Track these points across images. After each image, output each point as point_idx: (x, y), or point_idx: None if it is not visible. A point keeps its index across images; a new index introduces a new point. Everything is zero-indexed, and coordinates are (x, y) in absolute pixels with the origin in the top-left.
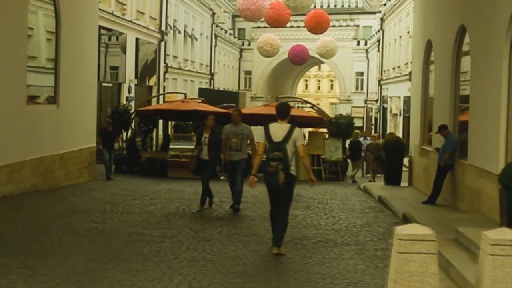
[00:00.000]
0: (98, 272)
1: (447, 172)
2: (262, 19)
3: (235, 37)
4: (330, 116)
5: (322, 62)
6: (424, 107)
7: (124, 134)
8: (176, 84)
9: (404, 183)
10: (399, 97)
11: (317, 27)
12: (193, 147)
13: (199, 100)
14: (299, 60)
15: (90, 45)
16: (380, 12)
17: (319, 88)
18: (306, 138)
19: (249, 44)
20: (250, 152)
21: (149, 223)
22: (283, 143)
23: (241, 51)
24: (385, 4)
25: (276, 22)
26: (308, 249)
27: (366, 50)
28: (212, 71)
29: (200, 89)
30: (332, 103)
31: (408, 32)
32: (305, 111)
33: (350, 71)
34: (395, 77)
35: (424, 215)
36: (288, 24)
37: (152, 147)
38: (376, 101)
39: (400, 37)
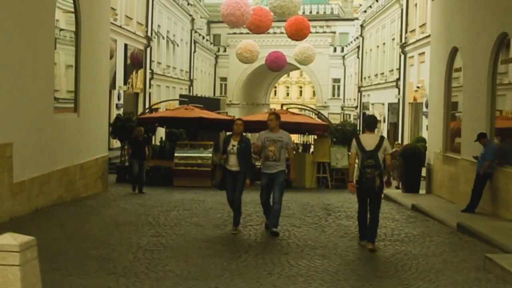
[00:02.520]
0: None
1: (486, 180)
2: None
3: (211, 43)
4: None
5: (298, 69)
6: (447, 115)
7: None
8: (160, 90)
9: (421, 190)
10: (382, 104)
11: (298, 33)
12: (199, 154)
13: (201, 107)
14: (277, 67)
15: (104, 54)
16: (358, 19)
17: (288, 94)
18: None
19: (224, 50)
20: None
21: (209, 236)
22: (375, 151)
23: (216, 57)
24: (365, 11)
25: (258, 28)
26: (392, 261)
27: (343, 57)
28: (192, 77)
29: (181, 96)
30: (301, 109)
31: (393, 39)
32: (311, 118)
33: (326, 78)
34: (378, 83)
35: (480, 225)
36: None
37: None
38: (356, 107)
39: (384, 43)
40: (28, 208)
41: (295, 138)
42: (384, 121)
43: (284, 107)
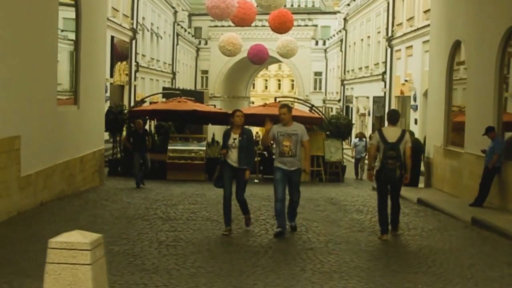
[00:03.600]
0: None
1: (494, 174)
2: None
3: (192, 36)
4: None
5: (280, 62)
6: (448, 108)
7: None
8: (144, 83)
9: (420, 184)
10: (367, 97)
11: (281, 26)
12: (193, 148)
13: (192, 99)
14: (259, 60)
15: (101, 46)
16: (340, 12)
17: (266, 87)
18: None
19: (206, 43)
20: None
21: (235, 231)
22: (397, 144)
23: (197, 50)
24: (348, 5)
25: (242, 21)
26: (421, 256)
27: (325, 50)
28: (174, 70)
29: (164, 89)
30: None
31: (379, 32)
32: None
33: (308, 71)
34: (363, 77)
35: (495, 219)
36: None
37: None
38: (339, 101)
39: (369, 37)
40: (34, 202)
41: None
42: (369, 115)
43: (275, 101)
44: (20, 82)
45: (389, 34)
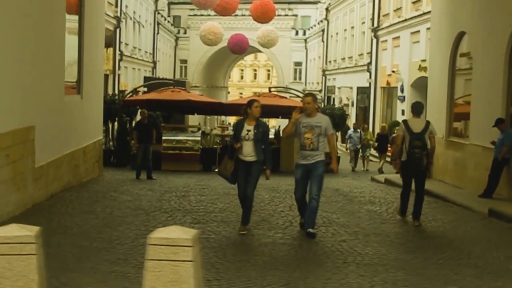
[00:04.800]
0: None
1: (504, 165)
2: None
3: (172, 25)
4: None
5: (258, 52)
6: (451, 100)
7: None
8: (127, 72)
9: None
10: (350, 88)
11: (263, 16)
12: (187, 138)
13: (183, 89)
14: (239, 49)
15: (100, 36)
16: (321, 2)
17: (242, 77)
18: None
19: (185, 32)
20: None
21: (252, 223)
22: (422, 134)
23: (176, 39)
24: None
25: (224, 10)
26: (458, 248)
27: (305, 40)
28: (155, 59)
29: (146, 78)
30: (255, 93)
31: (363, 23)
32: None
33: (288, 61)
34: (346, 67)
35: None
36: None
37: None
38: (320, 91)
39: (352, 27)
40: (45, 194)
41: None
42: (353, 105)
43: (269, 91)
44: (33, 72)
45: (375, 25)
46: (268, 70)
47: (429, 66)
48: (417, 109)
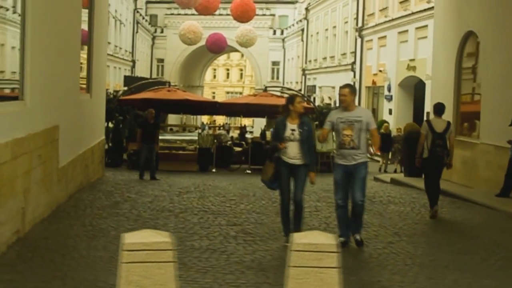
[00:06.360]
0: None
1: None
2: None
3: (149, 24)
4: None
5: (235, 51)
6: (457, 100)
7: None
8: (109, 71)
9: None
10: (332, 87)
11: (243, 15)
12: (184, 138)
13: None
14: (217, 49)
15: (104, 37)
16: (299, 1)
17: (214, 76)
18: None
19: (162, 31)
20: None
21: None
22: (444, 133)
23: (153, 38)
24: None
25: (206, 9)
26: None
27: (283, 40)
28: (134, 58)
29: (126, 77)
30: (228, 92)
31: (346, 22)
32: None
33: (266, 61)
34: (328, 67)
35: None
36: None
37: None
38: (299, 90)
39: (334, 27)
40: (66, 195)
41: None
42: (335, 104)
43: (265, 91)
44: (55, 70)
45: (359, 24)
46: (241, 70)
47: (433, 66)
48: (440, 109)
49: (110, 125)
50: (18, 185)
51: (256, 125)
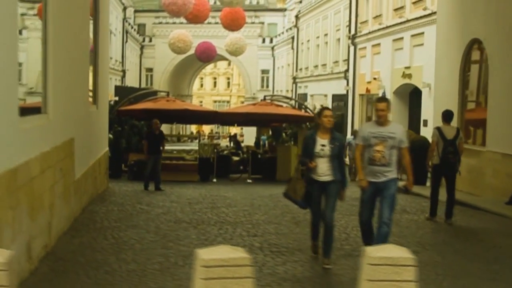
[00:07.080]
0: None
1: None
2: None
3: (137, 33)
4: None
5: (224, 60)
6: (462, 108)
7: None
8: None
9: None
10: (325, 95)
11: (233, 23)
12: (185, 148)
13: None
14: (206, 57)
15: (107, 49)
16: (288, 9)
17: (201, 85)
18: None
19: (150, 40)
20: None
21: (306, 235)
22: (454, 140)
23: (142, 47)
24: (300, 1)
25: (196, 18)
26: None
27: (272, 48)
28: (124, 68)
29: (117, 87)
30: (215, 101)
31: (338, 30)
32: (298, 110)
33: (255, 69)
34: (319, 75)
35: None
36: None
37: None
38: (290, 98)
39: (326, 34)
40: (80, 208)
41: None
42: None
43: (264, 99)
44: (70, 84)
45: (352, 32)
46: (228, 78)
47: (435, 74)
48: (449, 116)
49: (110, 136)
50: (45, 199)
51: (246, 133)
